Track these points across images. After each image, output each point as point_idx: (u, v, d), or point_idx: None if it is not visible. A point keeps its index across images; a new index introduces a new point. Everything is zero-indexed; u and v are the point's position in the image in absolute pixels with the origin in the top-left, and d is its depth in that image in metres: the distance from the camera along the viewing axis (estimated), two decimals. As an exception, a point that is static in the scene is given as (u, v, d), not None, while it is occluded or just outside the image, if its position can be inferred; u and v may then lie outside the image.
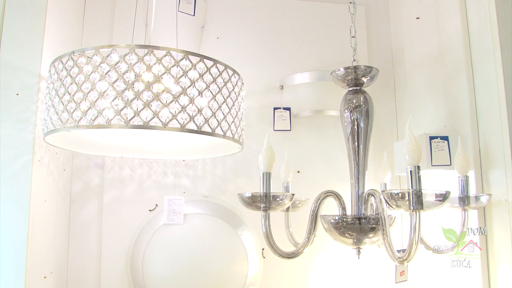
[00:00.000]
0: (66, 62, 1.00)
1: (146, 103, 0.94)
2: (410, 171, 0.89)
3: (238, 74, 1.16)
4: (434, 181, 1.52)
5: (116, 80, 0.94)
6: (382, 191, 0.96)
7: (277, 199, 1.01)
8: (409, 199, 0.87)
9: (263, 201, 0.99)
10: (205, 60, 1.02)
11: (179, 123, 0.97)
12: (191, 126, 0.98)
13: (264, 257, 1.67)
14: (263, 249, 1.67)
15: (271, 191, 1.00)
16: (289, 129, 1.78)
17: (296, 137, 1.82)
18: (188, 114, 0.98)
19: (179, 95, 0.97)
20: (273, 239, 1.03)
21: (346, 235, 1.09)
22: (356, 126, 1.15)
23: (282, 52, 1.87)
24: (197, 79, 1.00)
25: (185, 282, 1.53)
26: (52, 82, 1.05)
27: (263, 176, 1.01)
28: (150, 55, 0.96)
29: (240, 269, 1.59)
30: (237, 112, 1.14)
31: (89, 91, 0.96)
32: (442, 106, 1.54)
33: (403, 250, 0.93)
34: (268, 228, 1.02)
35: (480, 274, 1.30)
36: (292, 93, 1.81)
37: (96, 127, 0.95)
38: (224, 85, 1.07)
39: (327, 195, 1.12)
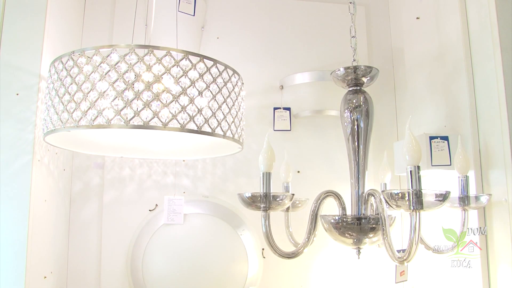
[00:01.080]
0: (66, 62, 1.00)
1: (146, 103, 0.94)
2: (410, 171, 0.89)
3: (238, 74, 1.16)
4: (434, 181, 1.52)
5: (116, 80, 0.94)
6: (382, 191, 0.96)
7: (277, 199, 1.01)
8: (409, 199, 0.87)
9: (263, 201, 0.99)
10: (205, 60, 1.02)
11: (179, 123, 0.97)
12: (191, 126, 0.98)
13: (264, 257, 1.67)
14: (263, 249, 1.67)
15: (271, 191, 1.00)
16: (289, 129, 1.78)
17: (296, 137, 1.82)
18: (188, 114, 0.98)
19: (179, 95, 0.97)
20: (273, 239, 1.03)
21: (346, 235, 1.09)
22: (356, 126, 1.15)
23: (282, 52, 1.87)
24: (197, 79, 1.00)
25: (185, 282, 1.53)
26: (52, 82, 1.05)
27: (263, 176, 1.01)
28: (150, 55, 0.96)
29: (240, 269, 1.59)
30: (237, 112, 1.14)
31: (89, 91, 0.96)
32: (442, 106, 1.54)
33: (403, 250, 0.93)
34: (268, 228, 1.02)
35: (480, 274, 1.30)
36: (292, 93, 1.81)
37: (96, 127, 0.95)
38: (224, 85, 1.07)
39: (327, 195, 1.12)
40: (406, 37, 1.80)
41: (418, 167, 0.89)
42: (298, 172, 1.78)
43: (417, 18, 1.71)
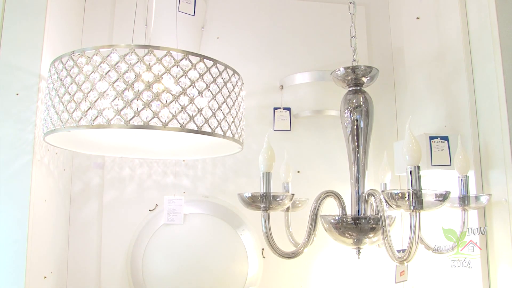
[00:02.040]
0: (66, 62, 1.00)
1: (146, 103, 0.94)
2: (410, 171, 0.89)
3: (238, 74, 1.16)
4: (434, 181, 1.52)
5: (116, 80, 0.94)
6: (382, 191, 0.96)
7: (277, 199, 1.01)
8: (409, 199, 0.87)
9: (263, 201, 0.99)
10: (205, 60, 1.02)
11: (179, 123, 0.97)
12: (191, 126, 0.98)
13: (264, 257, 1.67)
14: (263, 249, 1.67)
15: (271, 191, 1.00)
16: (289, 129, 1.78)
17: (296, 137, 1.81)
18: (188, 114, 0.98)
19: (179, 95, 0.97)
20: (273, 239, 1.03)
21: (346, 235, 1.09)
22: (356, 126, 1.15)
23: (282, 52, 1.87)
24: (197, 79, 1.00)
25: (185, 282, 1.53)
26: (52, 82, 1.05)
27: (263, 176, 1.01)
28: (150, 55, 0.96)
29: (240, 269, 1.59)
30: (237, 112, 1.14)
31: (89, 91, 0.96)
32: (442, 106, 1.54)
33: (403, 250, 0.93)
34: (268, 228, 1.02)
35: (480, 274, 1.30)
36: (292, 93, 1.81)
37: (96, 127, 0.95)
38: (224, 85, 1.07)
39: (327, 195, 1.12)
40: (406, 37, 1.80)
41: (418, 167, 0.89)
42: (298, 172, 1.78)
43: (417, 18, 1.71)
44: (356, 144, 1.16)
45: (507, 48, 1.31)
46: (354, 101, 1.16)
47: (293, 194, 1.07)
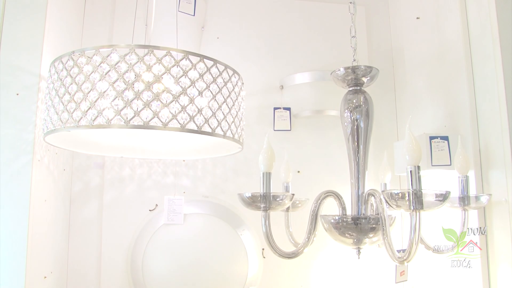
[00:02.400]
0: (66, 62, 1.00)
1: (146, 103, 0.94)
2: (410, 171, 0.89)
3: (238, 74, 1.16)
4: (434, 181, 1.52)
5: (116, 80, 0.94)
6: (382, 191, 0.96)
7: (277, 199, 1.01)
8: (409, 199, 0.87)
9: (263, 201, 0.99)
10: (205, 60, 1.02)
11: (179, 123, 0.97)
12: (191, 126, 0.98)
13: (264, 257, 1.67)
14: (263, 249, 1.67)
15: (271, 191, 1.00)
16: (289, 129, 1.78)
17: (296, 137, 1.82)
18: (188, 114, 0.98)
19: (179, 95, 0.97)
20: (273, 239, 1.03)
21: (346, 235, 1.09)
22: (356, 126, 1.15)
23: (282, 52, 1.87)
24: (197, 79, 1.00)
25: (185, 282, 1.53)
26: (52, 82, 1.05)
27: (263, 176, 1.01)
28: (150, 55, 0.96)
29: (240, 269, 1.59)
30: (237, 112, 1.14)
31: (89, 91, 0.95)
32: (442, 106, 1.54)
33: (403, 250, 0.93)
34: (268, 228, 1.02)
35: (480, 274, 1.30)
36: (292, 93, 1.81)
37: (96, 127, 0.95)
38: (224, 85, 1.07)
39: (327, 195, 1.12)
40: (406, 37, 1.80)
41: (418, 167, 0.89)
42: (298, 172, 1.78)
43: (417, 18, 1.71)
44: (356, 144, 1.16)
45: (507, 48, 1.31)
46: (354, 101, 1.16)
47: (293, 194, 1.07)
